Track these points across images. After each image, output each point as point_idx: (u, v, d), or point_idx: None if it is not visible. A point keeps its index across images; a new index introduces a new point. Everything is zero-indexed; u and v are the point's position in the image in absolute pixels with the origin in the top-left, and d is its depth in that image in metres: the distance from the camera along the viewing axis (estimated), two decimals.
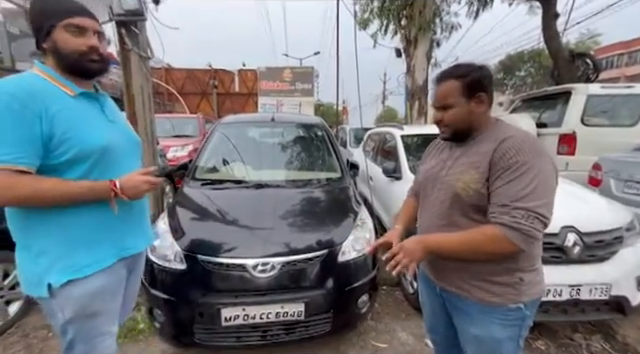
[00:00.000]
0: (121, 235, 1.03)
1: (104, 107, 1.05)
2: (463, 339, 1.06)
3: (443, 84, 0.96)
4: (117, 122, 1.09)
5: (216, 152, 2.61)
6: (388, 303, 2.36)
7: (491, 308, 0.94)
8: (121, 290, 1.10)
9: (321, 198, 2.20)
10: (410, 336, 1.99)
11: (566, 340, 1.96)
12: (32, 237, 0.92)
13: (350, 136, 8.72)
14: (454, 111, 0.96)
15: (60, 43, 0.91)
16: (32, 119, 0.83)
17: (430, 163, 1.12)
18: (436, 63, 9.47)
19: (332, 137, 2.88)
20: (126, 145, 1.07)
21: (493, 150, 0.89)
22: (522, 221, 0.82)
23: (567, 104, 3.75)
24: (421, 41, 7.42)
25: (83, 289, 0.95)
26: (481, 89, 0.93)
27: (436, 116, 1.01)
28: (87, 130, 0.93)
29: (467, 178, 0.92)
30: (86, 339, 1.02)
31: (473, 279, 0.96)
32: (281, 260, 1.60)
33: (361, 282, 1.72)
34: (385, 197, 3.14)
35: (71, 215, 0.92)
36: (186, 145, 5.69)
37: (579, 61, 6.09)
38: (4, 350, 1.83)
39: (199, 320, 1.52)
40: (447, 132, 1.00)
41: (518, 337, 0.98)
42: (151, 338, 1.91)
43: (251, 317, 1.52)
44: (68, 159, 0.89)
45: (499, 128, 0.95)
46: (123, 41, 2.13)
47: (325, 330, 1.64)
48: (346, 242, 1.77)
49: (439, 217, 1.00)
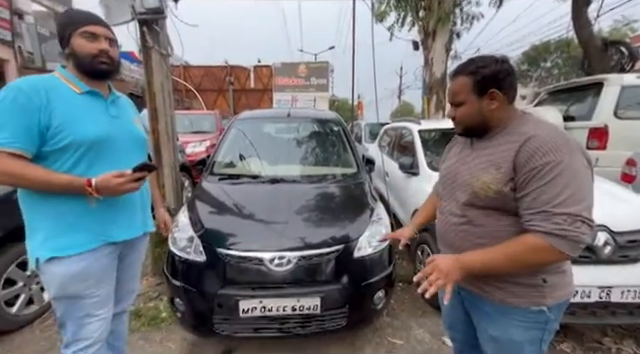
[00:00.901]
0: (105, 223, 1.11)
1: (110, 105, 1.16)
2: (482, 339, 1.04)
3: (455, 80, 0.94)
4: (121, 119, 1.19)
5: (233, 148, 2.65)
6: (404, 300, 2.34)
7: (511, 309, 0.91)
8: (108, 277, 1.17)
9: (337, 193, 2.19)
10: (427, 334, 1.96)
11: (594, 344, 1.87)
12: (31, 217, 1.06)
13: (365, 132, 8.62)
14: (465, 108, 0.93)
15: (77, 47, 1.06)
16: (33, 110, 0.96)
17: (451, 160, 1.09)
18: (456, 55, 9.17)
19: (348, 132, 2.86)
20: (127, 140, 1.17)
21: (517, 149, 0.83)
22: (568, 227, 0.75)
23: (598, 96, 3.53)
24: (440, 33, 7.19)
25: (64, 269, 1.05)
26: (495, 85, 0.88)
27: (449, 113, 1.00)
28: (83, 123, 1.04)
29: (487, 178, 0.87)
30: (73, 319, 1.11)
31: (494, 279, 0.92)
32: (297, 254, 1.61)
33: (377, 278, 1.70)
34: (401, 193, 3.09)
35: (63, 201, 1.03)
36: (204, 141, 5.82)
37: (612, 50, 5.70)
38: (41, 332, 1.96)
39: (218, 311, 1.56)
40: (459, 128, 0.99)
41: (540, 341, 0.93)
42: (173, 326, 1.98)
43: (268, 309, 1.54)
44: (60, 148, 1.00)
45: (524, 123, 0.88)
46: (145, 39, 2.19)
47: (341, 325, 1.64)
48: (362, 237, 1.76)
49: (456, 215, 0.98)
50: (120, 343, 1.40)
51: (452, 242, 1.00)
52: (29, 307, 2.05)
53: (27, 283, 2.02)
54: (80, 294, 1.08)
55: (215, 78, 15.41)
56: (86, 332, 1.12)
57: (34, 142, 0.97)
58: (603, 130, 3.39)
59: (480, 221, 0.92)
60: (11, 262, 1.90)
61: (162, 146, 2.42)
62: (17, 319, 1.96)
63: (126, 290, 1.33)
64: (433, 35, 7.21)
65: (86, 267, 1.07)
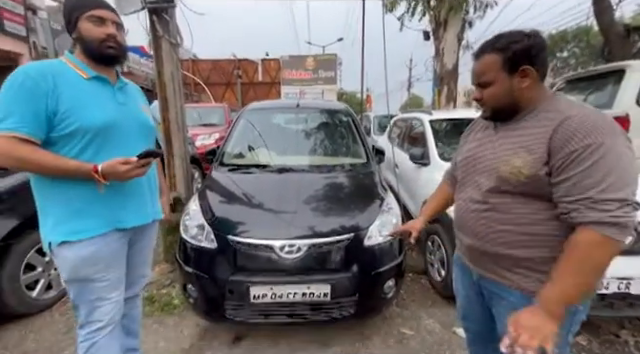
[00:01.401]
0: (115, 209, 1.12)
1: (117, 91, 1.16)
2: (503, 330, 0.97)
3: (481, 58, 0.88)
4: (128, 106, 1.18)
5: (242, 138, 2.65)
6: (414, 290, 2.33)
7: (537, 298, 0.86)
8: (118, 261, 1.18)
9: (346, 183, 2.18)
10: (437, 324, 1.95)
11: (610, 336, 1.83)
12: (43, 202, 1.08)
13: (374, 124, 8.53)
14: (494, 88, 0.87)
15: (84, 31, 1.06)
16: (40, 96, 0.96)
17: (471, 144, 1.03)
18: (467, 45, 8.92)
19: (357, 122, 2.82)
20: (134, 127, 1.17)
21: (552, 131, 0.77)
22: (618, 213, 0.69)
23: (619, 84, 3.39)
24: (451, 22, 7.00)
25: (75, 253, 1.06)
26: (527, 61, 0.82)
27: (475, 94, 0.93)
28: (89, 108, 1.04)
29: (518, 162, 0.81)
30: (85, 302, 1.14)
31: (518, 267, 0.88)
32: (307, 242, 1.61)
33: (387, 267, 1.69)
34: (412, 184, 3.05)
35: (72, 187, 1.04)
36: (213, 133, 5.86)
37: (635, 36, 5.45)
38: (60, 315, 2.03)
39: (229, 297, 1.58)
40: (487, 111, 0.92)
41: (567, 332, 0.88)
42: (185, 312, 2.02)
43: (278, 296, 1.55)
44: (68, 133, 1.01)
45: (556, 104, 0.82)
46: (155, 28, 2.19)
47: (350, 313, 1.64)
48: (372, 227, 1.75)
49: (478, 201, 0.93)
50: (135, 326, 1.44)
51: (472, 230, 0.95)
52: (48, 292, 2.12)
53: (46, 269, 2.09)
54: (91, 277, 1.10)
55: (223, 71, 15.45)
56: (98, 314, 1.15)
57: (42, 127, 0.98)
58: (625, 119, 3.25)
59: (505, 207, 0.87)
60: (31, 248, 1.96)
61: (173, 136, 2.44)
62: (37, 303, 2.03)
63: (137, 275, 1.36)
64: (444, 24, 7.03)
65: (96, 251, 1.09)
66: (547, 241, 0.82)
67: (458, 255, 1.14)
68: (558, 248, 0.81)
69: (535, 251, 0.84)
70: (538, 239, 0.83)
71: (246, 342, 1.79)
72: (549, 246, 0.82)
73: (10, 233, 1.85)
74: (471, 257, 1.02)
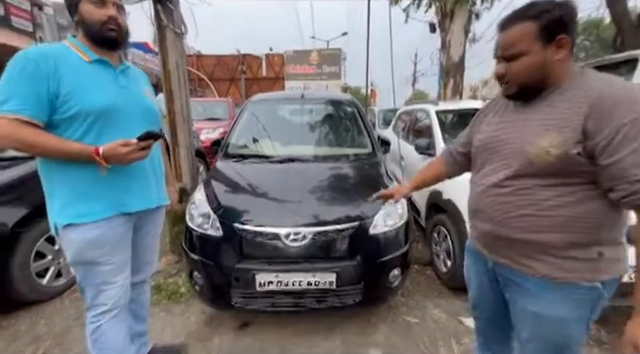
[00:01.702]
0: (119, 193, 1.12)
1: (120, 74, 1.15)
2: (518, 317, 0.95)
3: (512, 28, 0.80)
4: (130, 89, 1.17)
5: (247, 129, 2.65)
6: (420, 281, 2.32)
7: (558, 285, 0.83)
8: (123, 245, 1.19)
9: (352, 173, 2.17)
10: (443, 313, 1.94)
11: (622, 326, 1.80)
12: (50, 185, 1.09)
13: (379, 118, 8.47)
14: (525, 61, 0.79)
15: (85, 14, 1.06)
16: (41, 78, 0.97)
17: (489, 127, 0.96)
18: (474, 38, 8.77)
19: (363, 113, 2.80)
20: (137, 111, 1.16)
21: (587, 107, 0.72)
22: None
23: (632, 73, 3.31)
24: (458, 13, 6.88)
25: (81, 236, 1.08)
26: (563, 30, 0.76)
27: (498, 69, 0.84)
28: (90, 92, 1.04)
29: (546, 142, 0.76)
30: (90, 285, 1.15)
31: (539, 253, 0.84)
32: (312, 230, 1.61)
33: (392, 256, 1.69)
34: None
35: (75, 170, 1.05)
36: (217, 128, 5.87)
37: None
38: (70, 302, 2.07)
39: (235, 284, 1.59)
40: (512, 88, 0.84)
41: (588, 320, 0.86)
42: (192, 300, 2.05)
43: (284, 284, 1.56)
44: (70, 116, 1.01)
45: (586, 79, 0.77)
46: (159, 17, 2.18)
47: (356, 301, 1.64)
48: (377, 215, 1.74)
49: (497, 186, 0.88)
50: (142, 311, 1.45)
51: (491, 215, 0.91)
52: (58, 280, 2.15)
53: (55, 257, 2.12)
54: (96, 260, 1.12)
55: (227, 67, 15.46)
56: (103, 298, 1.16)
57: (44, 110, 0.98)
58: None
59: (527, 191, 0.82)
60: (40, 236, 1.99)
61: (178, 127, 2.44)
62: (47, 290, 2.06)
63: (144, 261, 1.37)
64: (451, 16, 6.91)
65: (101, 235, 1.10)
66: (571, 225, 0.79)
67: (471, 243, 1.11)
68: (583, 232, 0.78)
69: (558, 236, 0.81)
70: (562, 224, 0.79)
71: (252, 329, 1.81)
72: (574, 230, 0.79)
73: (20, 222, 1.88)
74: (487, 244, 0.98)
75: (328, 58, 14.76)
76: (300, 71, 14.61)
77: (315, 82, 14.21)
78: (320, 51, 15.15)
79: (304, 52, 14.94)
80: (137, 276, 1.35)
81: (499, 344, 1.20)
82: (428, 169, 1.26)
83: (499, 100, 1.00)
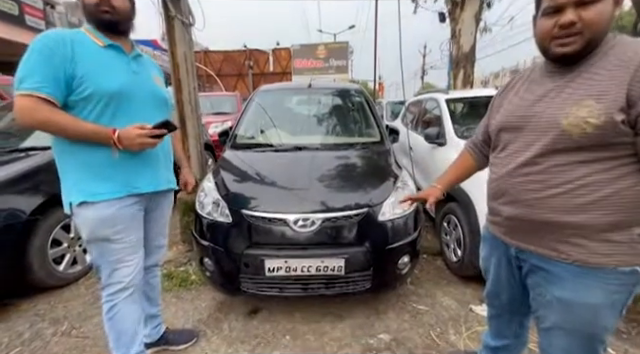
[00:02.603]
0: (130, 174, 1.16)
1: (132, 60, 1.18)
2: (540, 303, 0.90)
3: None
4: (142, 75, 1.21)
5: (255, 119, 2.65)
6: (429, 270, 2.30)
7: (592, 270, 0.78)
8: (135, 224, 1.22)
9: (360, 161, 2.15)
10: (453, 301, 1.92)
11: (638, 316, 1.75)
12: (64, 165, 1.13)
13: (387, 110, 8.37)
14: (600, 7, 0.69)
15: None
16: (60, 60, 1.00)
17: (511, 105, 0.90)
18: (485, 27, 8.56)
19: (371, 102, 2.77)
20: (147, 97, 1.19)
21: (631, 72, 0.67)
22: None
23: None
24: (469, 2, 6.69)
25: (94, 213, 1.11)
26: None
27: (568, 17, 0.72)
28: (104, 75, 1.08)
29: (582, 112, 0.70)
30: (105, 262, 1.18)
31: (574, 236, 0.78)
32: (321, 216, 1.61)
33: (402, 242, 1.68)
34: (427, 166, 2.98)
35: (88, 151, 1.09)
36: (225, 122, 5.91)
37: None
38: (86, 289, 2.12)
39: (244, 270, 1.61)
40: (579, 42, 0.73)
41: (622, 306, 0.81)
42: (202, 287, 2.08)
43: (293, 269, 1.56)
44: (84, 97, 1.05)
45: (624, 45, 0.72)
46: (167, 8, 2.19)
47: (365, 287, 1.64)
48: (386, 202, 1.72)
49: (527, 164, 0.82)
50: (154, 294, 1.49)
51: (518, 197, 0.85)
52: (74, 267, 2.21)
53: (71, 245, 2.18)
54: (109, 238, 1.15)
55: (235, 62, 15.48)
56: (118, 276, 1.19)
57: (61, 89, 1.01)
58: None
59: (562, 168, 0.76)
60: (57, 224, 2.05)
61: (186, 117, 2.46)
62: (64, 276, 2.13)
63: (154, 245, 1.40)
64: (462, 4, 6.73)
65: (114, 213, 1.13)
66: (611, 204, 0.73)
67: (487, 230, 1.06)
68: (624, 211, 0.73)
69: (597, 216, 0.75)
70: (601, 203, 0.74)
71: (261, 314, 1.83)
72: (614, 210, 0.73)
73: (36, 209, 1.93)
74: (513, 229, 0.91)
75: (335, 52, 14.63)
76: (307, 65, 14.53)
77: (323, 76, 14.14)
78: (327, 45, 15.02)
79: (311, 46, 14.83)
80: (149, 259, 1.38)
81: (512, 333, 1.18)
82: (456, 165, 1.19)
83: (520, 75, 0.95)
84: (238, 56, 15.44)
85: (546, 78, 0.83)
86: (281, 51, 15.66)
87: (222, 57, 15.55)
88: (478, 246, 1.19)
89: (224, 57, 15.53)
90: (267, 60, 15.84)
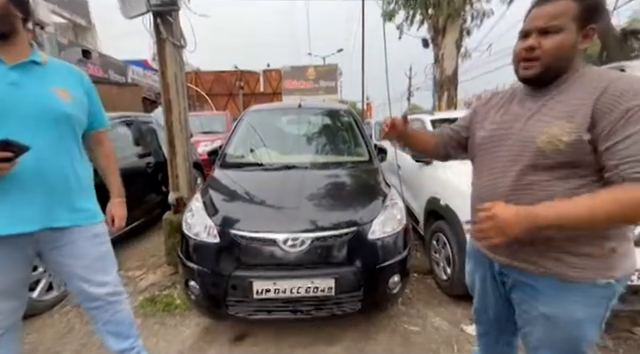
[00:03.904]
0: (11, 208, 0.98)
1: (11, 71, 1.00)
2: (526, 320, 0.91)
3: (554, 3, 0.77)
4: (27, 88, 1.02)
5: (244, 138, 2.67)
6: (420, 290, 2.28)
7: (572, 285, 0.80)
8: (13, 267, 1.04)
9: (349, 180, 2.17)
10: (444, 321, 1.90)
11: (624, 333, 1.77)
12: None
13: (375, 130, 8.57)
14: (559, 38, 0.76)
15: None
16: None
17: (492, 124, 0.93)
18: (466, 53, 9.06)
19: (359, 122, 2.84)
20: (31, 113, 1.01)
21: (595, 96, 0.73)
22: None
23: None
24: (450, 29, 7.14)
25: None
26: (593, 20, 0.76)
27: (530, 42, 0.78)
28: None
29: (555, 130, 0.75)
30: None
31: (552, 251, 0.81)
32: (311, 235, 1.59)
33: (392, 261, 1.67)
34: (414, 184, 3.04)
35: None
36: (215, 141, 5.91)
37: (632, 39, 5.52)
38: (60, 317, 2.00)
39: (232, 292, 1.56)
40: (537, 67, 0.79)
41: (602, 319, 0.83)
42: (187, 312, 1.99)
43: (282, 291, 1.52)
44: None
45: (592, 73, 0.78)
46: (159, 31, 2.24)
47: (355, 309, 1.61)
48: (376, 221, 1.73)
49: (508, 177, 0.85)
50: (121, 329, 1.32)
51: None
52: (49, 293, 2.09)
53: (47, 269, 2.07)
54: None
55: (225, 83, 15.69)
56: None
57: None
58: None
59: (541, 185, 0.79)
60: None
61: (175, 137, 2.45)
62: (38, 304, 2.00)
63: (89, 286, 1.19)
64: (443, 32, 7.17)
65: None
66: None
67: (472, 246, 1.08)
68: (598, 227, 0.76)
69: (575, 232, 0.78)
70: None
71: (248, 341, 1.75)
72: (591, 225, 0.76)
73: None
74: (495, 245, 0.93)
75: (325, 73, 15.08)
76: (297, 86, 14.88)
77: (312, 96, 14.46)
78: (317, 67, 15.49)
79: (301, 68, 15.26)
80: (92, 302, 1.21)
81: (501, 351, 1.17)
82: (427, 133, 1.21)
83: (502, 95, 0.99)
84: (229, 76, 15.69)
85: (523, 100, 0.89)
86: (271, 72, 16.02)
87: (213, 77, 15.76)
88: None
89: (215, 77, 15.75)
90: (258, 81, 16.14)
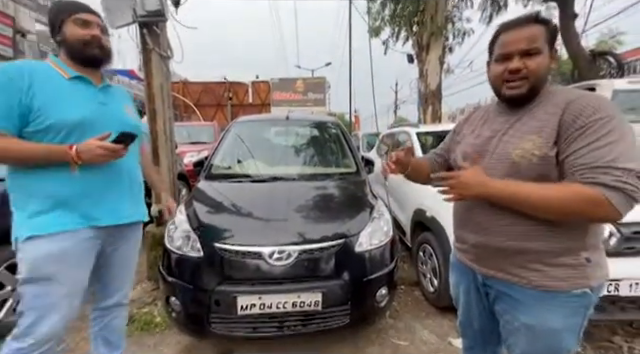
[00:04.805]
0: (88, 204, 1.09)
1: (99, 92, 1.17)
2: (509, 331, 0.92)
3: (528, 27, 0.82)
4: (110, 106, 1.19)
5: (231, 149, 2.64)
6: (407, 302, 2.27)
7: (551, 295, 0.82)
8: (85, 262, 1.12)
9: (336, 191, 2.17)
10: (432, 334, 1.88)
11: (604, 343, 1.80)
12: (15, 195, 1.07)
13: (363, 142, 8.69)
14: (540, 59, 0.81)
15: (69, 34, 1.10)
16: (14, 92, 0.98)
17: (470, 139, 0.98)
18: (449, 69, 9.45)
19: (346, 134, 2.87)
20: (114, 126, 1.12)
21: (561, 112, 0.78)
22: (627, 181, 0.69)
23: None
24: (433, 46, 7.43)
25: (41, 248, 1.02)
26: (554, 43, 0.83)
27: (515, 64, 0.82)
28: (64, 105, 1.05)
29: (528, 145, 0.80)
30: (36, 307, 1.03)
31: (529, 262, 0.84)
32: (297, 248, 1.57)
33: (379, 274, 1.66)
34: (401, 196, 3.07)
35: (42, 179, 1.03)
36: (201, 151, 5.83)
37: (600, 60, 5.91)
38: None
39: (215, 309, 1.50)
40: (525, 86, 0.83)
41: (580, 327, 0.86)
42: (167, 331, 1.89)
43: (267, 306, 1.48)
44: (43, 128, 1.01)
45: (559, 92, 0.84)
46: (145, 41, 2.23)
47: (343, 323, 1.57)
48: (363, 232, 1.72)
49: None
50: (114, 337, 1.34)
51: (481, 225, 0.91)
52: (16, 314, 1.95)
53: (16, 288, 1.93)
54: (52, 276, 1.04)
55: (214, 93, 15.62)
56: (41, 327, 1.04)
57: (14, 122, 0.99)
58: None
59: None
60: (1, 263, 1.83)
61: (160, 147, 2.40)
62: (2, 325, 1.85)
63: (118, 281, 1.29)
64: (427, 48, 7.45)
65: (64, 247, 1.04)
66: (561, 231, 0.80)
67: (455, 258, 1.09)
68: (572, 238, 0.80)
69: (549, 242, 0.81)
70: (553, 229, 0.80)
71: None
72: (563, 236, 0.80)
73: None
74: (477, 256, 0.95)
75: (313, 86, 15.31)
76: (286, 98, 15.01)
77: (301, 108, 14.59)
78: (305, 79, 15.72)
79: (290, 80, 15.44)
80: (110, 299, 1.27)
81: None
82: (424, 158, 1.23)
83: (478, 113, 1.04)
84: (217, 87, 15.65)
85: (499, 117, 0.94)
86: (260, 84, 16.11)
87: (201, 88, 15.68)
88: None
89: (203, 88, 15.67)
90: (246, 92, 16.16)
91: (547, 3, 6.99)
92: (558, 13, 6.34)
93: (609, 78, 5.64)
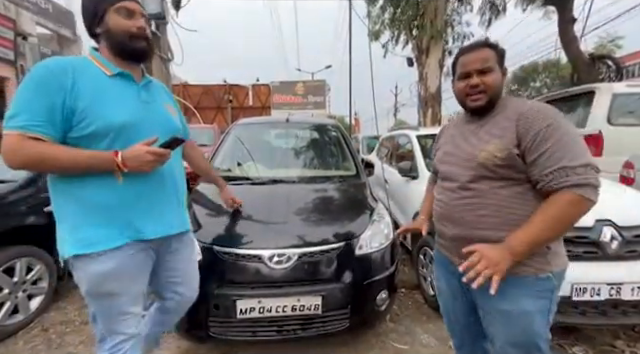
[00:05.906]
0: (132, 217, 1.00)
1: (142, 89, 1.07)
2: (489, 320, 1.01)
3: (480, 50, 0.98)
4: (152, 104, 1.09)
5: (231, 151, 2.64)
6: (408, 306, 2.25)
7: (521, 280, 0.93)
8: (142, 273, 1.09)
9: (337, 194, 2.16)
10: (432, 338, 1.87)
11: (606, 347, 1.79)
12: (58, 209, 1.00)
13: (363, 144, 8.71)
14: (493, 76, 0.97)
15: (112, 25, 0.99)
16: (57, 91, 0.89)
17: (448, 139, 1.13)
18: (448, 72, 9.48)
19: (346, 136, 2.87)
20: (158, 128, 1.05)
21: (516, 120, 0.91)
22: (588, 175, 0.82)
23: (590, 104, 3.61)
24: (433, 50, 7.47)
25: (95, 268, 0.96)
26: (503, 63, 1.00)
27: (474, 81, 0.98)
28: (110, 107, 0.96)
29: (491, 148, 0.93)
30: (106, 316, 1.05)
31: None
32: (297, 251, 1.56)
33: (380, 277, 1.65)
34: (401, 198, 3.06)
35: (85, 189, 0.95)
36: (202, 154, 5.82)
37: (599, 64, 5.93)
38: (24, 343, 1.84)
39: (214, 312, 1.49)
40: (484, 98, 0.98)
41: (548, 311, 0.96)
42: (165, 335, 1.87)
43: (267, 310, 1.47)
44: (90, 133, 0.93)
45: (511, 102, 0.99)
46: None
47: (343, 326, 1.56)
48: (363, 235, 1.71)
49: (461, 190, 1.00)
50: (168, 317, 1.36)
51: (457, 218, 1.01)
52: (14, 317, 1.94)
53: (13, 291, 1.92)
54: (113, 292, 1.01)
55: (214, 96, 15.64)
56: (122, 327, 1.05)
57: (56, 126, 0.90)
58: (598, 136, 3.44)
59: (486, 192, 0.95)
60: None
61: None
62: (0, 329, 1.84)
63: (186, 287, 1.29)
64: (426, 52, 7.48)
65: (117, 266, 0.98)
66: (525, 222, 0.88)
67: (438, 252, 1.18)
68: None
69: None
70: (518, 220, 0.90)
71: None
72: None
73: None
74: (456, 248, 1.02)
75: (313, 89, 15.36)
76: (286, 100, 15.05)
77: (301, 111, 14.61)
78: (305, 82, 15.77)
79: (290, 83, 15.49)
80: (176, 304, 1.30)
81: None
82: (428, 198, 1.34)
83: (452, 123, 1.19)
84: (217, 90, 15.67)
85: (466, 125, 1.08)
86: (260, 87, 16.14)
87: (201, 90, 15.70)
88: None
89: (203, 90, 15.70)
90: (247, 95, 16.19)
91: (545, 7, 7.04)
92: (557, 17, 6.39)
93: (608, 81, 5.66)
